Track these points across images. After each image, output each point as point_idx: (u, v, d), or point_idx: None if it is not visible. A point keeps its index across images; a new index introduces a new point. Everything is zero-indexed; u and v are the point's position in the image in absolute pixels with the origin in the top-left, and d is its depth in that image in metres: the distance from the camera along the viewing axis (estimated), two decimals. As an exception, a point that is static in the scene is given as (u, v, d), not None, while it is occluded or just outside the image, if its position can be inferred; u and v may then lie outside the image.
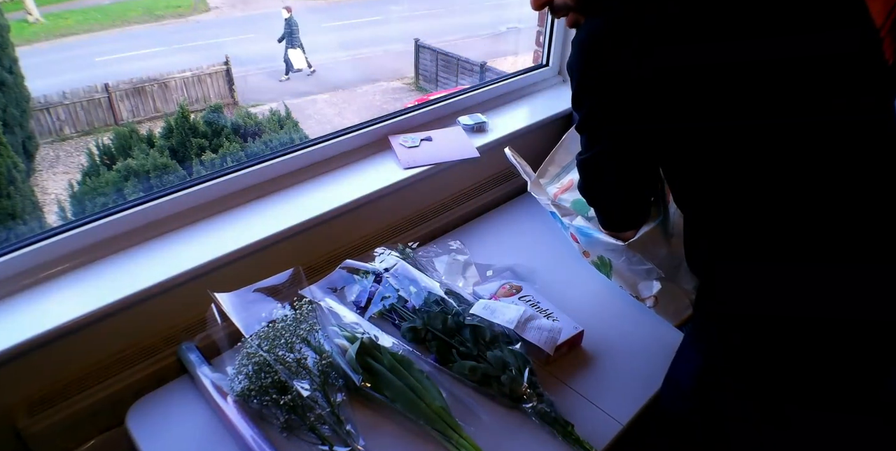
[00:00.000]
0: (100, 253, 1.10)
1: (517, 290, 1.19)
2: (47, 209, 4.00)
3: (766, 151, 0.74)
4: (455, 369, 1.03)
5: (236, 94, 6.20)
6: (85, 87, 5.33)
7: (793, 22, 0.72)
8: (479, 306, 1.09)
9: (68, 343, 0.99)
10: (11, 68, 4.16)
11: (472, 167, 1.50)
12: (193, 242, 1.15)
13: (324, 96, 6.87)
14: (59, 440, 1.02)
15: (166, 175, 3.53)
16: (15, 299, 1.01)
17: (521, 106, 1.71)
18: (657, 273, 1.10)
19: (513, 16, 8.43)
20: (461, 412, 0.96)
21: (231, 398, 0.95)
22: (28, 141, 4.51)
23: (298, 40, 6.75)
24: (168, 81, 5.77)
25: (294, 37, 6.69)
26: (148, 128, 4.56)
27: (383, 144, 1.46)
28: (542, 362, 1.07)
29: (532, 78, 1.78)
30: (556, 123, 1.69)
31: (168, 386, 1.03)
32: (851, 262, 0.76)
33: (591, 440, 0.93)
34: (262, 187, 1.29)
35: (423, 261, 1.25)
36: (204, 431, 0.95)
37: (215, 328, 1.02)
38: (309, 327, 1.01)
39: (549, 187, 1.33)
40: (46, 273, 1.05)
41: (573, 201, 1.26)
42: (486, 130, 1.54)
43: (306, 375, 0.95)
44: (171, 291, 1.06)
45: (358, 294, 1.18)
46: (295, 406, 0.92)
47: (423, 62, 7.56)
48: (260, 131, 4.13)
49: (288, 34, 6.67)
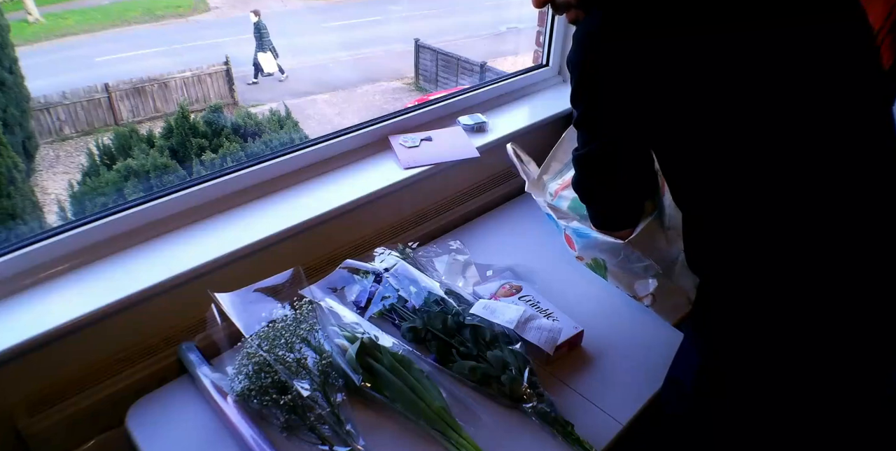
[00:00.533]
0: (100, 253, 1.10)
1: (517, 290, 1.19)
2: (47, 209, 4.00)
3: (763, 148, 0.74)
4: (455, 370, 1.03)
5: (236, 94, 6.20)
6: (85, 87, 5.33)
7: (789, 15, 0.72)
8: (479, 306, 1.09)
9: (68, 343, 0.99)
10: (11, 68, 4.17)
11: (472, 167, 1.50)
12: (193, 242, 1.15)
13: (324, 96, 6.87)
14: (59, 440, 1.02)
15: (166, 175, 3.53)
16: (15, 299, 1.01)
17: (521, 106, 1.71)
18: (654, 269, 1.09)
19: (513, 16, 8.42)
20: (461, 412, 0.95)
21: (231, 398, 0.95)
22: (28, 141, 4.51)
23: (269, 44, 6.58)
24: (168, 81, 5.77)
25: (264, 40, 6.56)
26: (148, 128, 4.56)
27: (383, 144, 1.46)
28: (542, 362, 1.07)
29: (532, 78, 1.78)
30: (557, 123, 1.69)
31: (168, 386, 1.03)
32: (851, 260, 0.76)
33: (591, 440, 0.93)
34: (262, 187, 1.29)
35: (423, 261, 1.25)
36: (204, 431, 0.95)
37: (215, 328, 1.02)
38: (309, 327, 1.01)
39: (551, 184, 1.32)
40: (46, 273, 1.05)
41: (573, 198, 1.26)
42: (486, 130, 1.54)
43: (306, 375, 0.95)
44: (171, 291, 1.06)
45: (358, 294, 1.18)
46: (295, 406, 0.92)
47: (423, 62, 7.56)
48: (260, 131, 4.13)
49: (258, 38, 6.52)
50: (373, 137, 1.46)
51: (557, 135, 1.53)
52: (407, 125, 1.53)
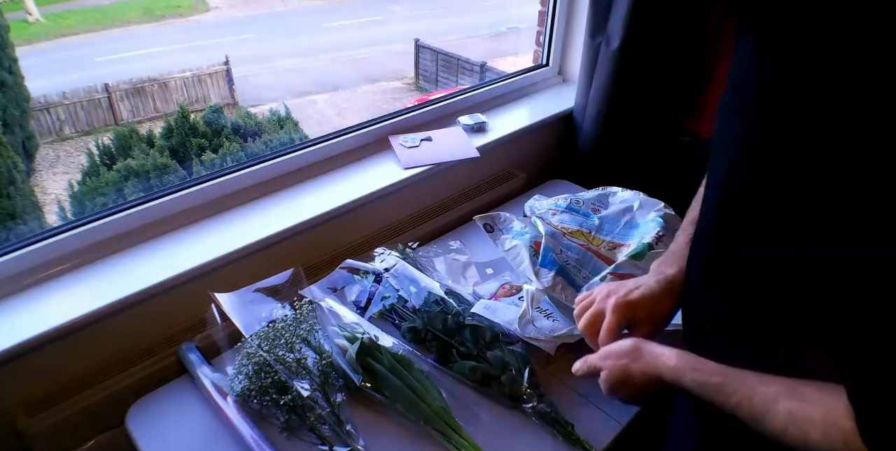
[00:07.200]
0: (100, 253, 1.10)
1: (517, 290, 1.19)
2: (47, 209, 4.00)
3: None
4: (455, 369, 1.03)
5: (236, 94, 6.21)
6: (85, 87, 5.33)
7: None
8: (479, 306, 1.09)
9: (69, 343, 0.99)
10: (11, 68, 4.17)
11: (472, 167, 1.50)
12: (193, 242, 1.15)
13: (324, 96, 6.88)
14: (59, 440, 1.02)
15: (166, 175, 3.53)
16: (15, 299, 1.01)
17: (521, 106, 1.71)
18: None
19: (513, 16, 8.43)
20: (461, 412, 0.95)
21: (231, 398, 0.95)
22: (28, 141, 4.51)
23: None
24: (168, 81, 5.78)
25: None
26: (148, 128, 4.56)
27: (383, 144, 1.46)
28: (542, 362, 1.07)
29: (532, 78, 1.79)
30: (557, 123, 1.69)
31: (168, 386, 1.03)
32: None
33: (591, 440, 0.93)
34: (262, 187, 1.29)
35: (423, 261, 1.25)
36: (204, 431, 0.95)
37: (215, 328, 1.02)
38: (309, 327, 1.01)
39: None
40: (46, 273, 1.05)
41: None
42: (486, 130, 1.54)
43: (306, 375, 0.95)
44: (171, 291, 1.06)
45: (358, 294, 1.18)
46: (295, 406, 0.92)
47: (423, 62, 7.57)
48: (260, 131, 4.14)
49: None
50: (373, 137, 1.46)
51: (558, 135, 1.54)
52: (407, 125, 1.53)
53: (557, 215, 1.29)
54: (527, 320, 1.06)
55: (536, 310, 1.12)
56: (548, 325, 1.07)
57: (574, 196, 1.34)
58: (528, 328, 1.05)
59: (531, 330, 1.05)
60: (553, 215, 1.29)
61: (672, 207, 1.27)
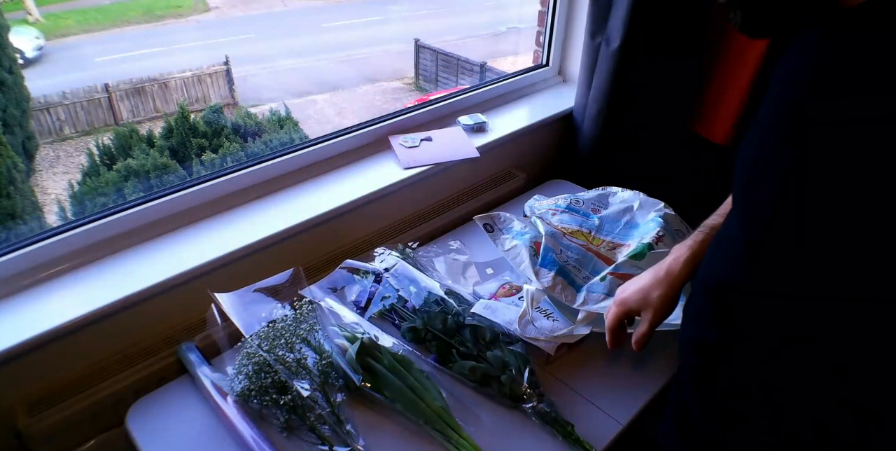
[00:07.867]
0: (100, 253, 1.10)
1: (517, 290, 1.19)
2: (47, 209, 4.00)
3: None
4: (455, 370, 1.03)
5: (236, 94, 6.20)
6: (85, 87, 5.32)
7: None
8: (479, 306, 1.09)
9: (68, 343, 0.99)
10: (11, 68, 4.16)
11: (472, 167, 1.50)
12: (193, 242, 1.15)
13: (324, 96, 6.87)
14: (59, 440, 1.02)
15: (166, 175, 3.53)
16: (14, 299, 1.01)
17: (520, 106, 1.71)
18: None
19: (513, 16, 8.42)
20: (461, 412, 0.95)
21: (231, 398, 0.95)
22: (28, 141, 4.50)
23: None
24: (168, 81, 5.77)
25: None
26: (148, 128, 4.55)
27: (383, 144, 1.46)
28: (542, 362, 1.07)
29: (532, 78, 1.79)
30: (556, 123, 1.69)
31: (168, 386, 1.03)
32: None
33: (591, 440, 0.93)
34: (262, 187, 1.29)
35: (423, 261, 1.25)
36: (204, 431, 0.95)
37: (215, 328, 1.02)
38: (309, 327, 1.01)
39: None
40: (46, 273, 1.05)
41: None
42: (486, 130, 1.54)
43: (306, 375, 0.95)
44: (171, 291, 1.07)
45: (358, 294, 1.18)
46: (295, 406, 0.92)
47: (423, 62, 7.56)
48: (260, 131, 4.13)
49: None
50: (373, 137, 1.46)
51: (558, 135, 1.54)
52: (407, 125, 1.53)
53: (557, 215, 1.29)
54: (527, 320, 1.06)
55: (536, 310, 1.12)
56: (548, 325, 1.07)
57: (574, 196, 1.34)
58: (527, 328, 1.05)
59: (531, 330, 1.05)
60: (553, 215, 1.29)
61: (672, 207, 1.27)
